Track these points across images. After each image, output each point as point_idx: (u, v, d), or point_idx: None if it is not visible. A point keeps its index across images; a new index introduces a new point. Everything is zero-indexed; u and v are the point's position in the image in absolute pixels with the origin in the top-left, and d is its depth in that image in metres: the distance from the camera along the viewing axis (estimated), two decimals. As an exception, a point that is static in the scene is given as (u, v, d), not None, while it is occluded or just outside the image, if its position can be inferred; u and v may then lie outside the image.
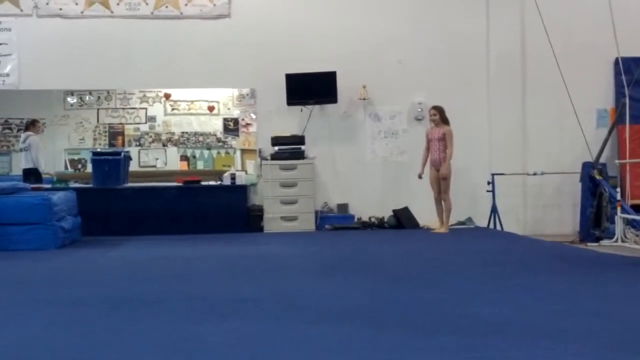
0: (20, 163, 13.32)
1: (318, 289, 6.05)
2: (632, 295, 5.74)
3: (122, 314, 4.95)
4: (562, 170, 12.20)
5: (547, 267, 7.55)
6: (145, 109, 15.32)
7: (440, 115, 11.34)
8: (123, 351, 3.87)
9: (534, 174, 12.21)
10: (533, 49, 12.52)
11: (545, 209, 12.65)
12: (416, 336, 4.13)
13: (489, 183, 12.01)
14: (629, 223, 10.49)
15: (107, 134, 15.25)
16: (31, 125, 13.26)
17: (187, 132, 15.33)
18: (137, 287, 6.27)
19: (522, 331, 4.22)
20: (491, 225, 11.96)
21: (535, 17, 11.78)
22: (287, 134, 12.34)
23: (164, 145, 15.34)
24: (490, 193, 11.99)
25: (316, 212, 12.22)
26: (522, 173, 12.40)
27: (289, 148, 12.18)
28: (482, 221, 12.23)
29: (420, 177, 11.44)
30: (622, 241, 10.33)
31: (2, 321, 4.78)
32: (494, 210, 11.95)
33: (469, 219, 12.40)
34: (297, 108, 12.50)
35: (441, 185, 11.25)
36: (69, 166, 15.01)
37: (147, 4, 12.48)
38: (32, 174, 12.69)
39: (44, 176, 12.90)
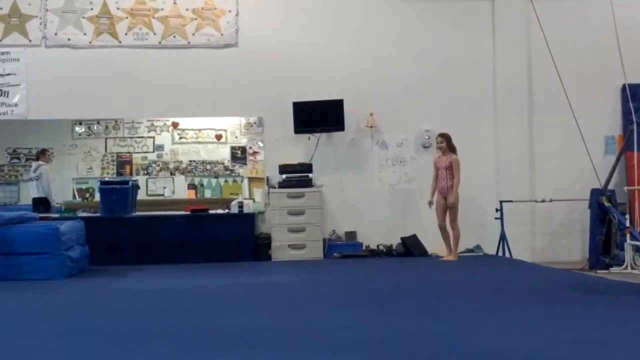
0: (29, 192, 13.36)
1: (327, 319, 6.01)
2: (643, 324, 5.69)
3: (131, 346, 4.93)
4: (570, 197, 12.17)
5: (557, 296, 7.50)
6: (153, 137, 15.37)
7: (447, 143, 11.35)
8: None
9: (542, 201, 12.18)
10: (540, 75, 12.54)
11: (554, 236, 12.60)
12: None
13: (497, 210, 11.98)
14: (639, 250, 10.44)
15: (115, 163, 15.29)
16: (41, 154, 13.34)
17: (194, 161, 15.36)
18: (145, 317, 6.24)
19: (533, 362, 4.19)
20: (500, 253, 11.91)
21: (542, 44, 11.80)
22: (295, 162, 12.35)
23: (171, 173, 15.37)
24: (499, 220, 11.95)
25: (324, 240, 12.19)
26: (531, 200, 12.37)
27: (297, 176, 12.18)
28: (490, 249, 12.18)
29: (430, 205, 11.42)
30: (632, 268, 10.29)
31: (11, 353, 4.76)
32: (502, 237, 11.91)
33: (478, 247, 12.36)
34: (305, 136, 12.52)
35: (449, 214, 11.23)
36: (77, 195, 15.04)
37: (155, 33, 12.55)
38: (41, 204, 12.73)
39: (54, 205, 12.93)
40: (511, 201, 12.05)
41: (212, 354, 4.56)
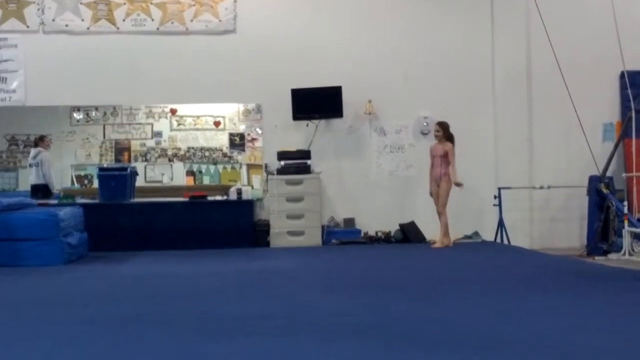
0: (28, 179, 13.34)
1: (325, 305, 6.03)
2: (638, 311, 5.70)
3: (129, 332, 4.94)
4: (568, 184, 12.18)
5: (554, 282, 7.52)
6: (152, 124, 15.34)
7: (443, 132, 11.35)
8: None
9: (541, 188, 12.20)
10: (539, 62, 12.52)
11: (552, 223, 12.62)
12: (422, 352, 4.11)
13: (495, 197, 12.00)
14: (636, 236, 10.45)
15: (113, 149, 15.26)
16: (40, 141, 13.31)
17: (193, 148, 15.34)
18: (143, 303, 6.26)
19: (529, 347, 4.20)
20: (498, 240, 11.94)
21: (541, 31, 11.77)
22: (293, 148, 12.35)
23: (170, 160, 15.35)
24: (497, 207, 11.97)
25: (323, 227, 12.20)
26: (529, 187, 12.38)
27: (295, 163, 12.19)
28: (488, 235, 12.21)
29: (431, 194, 11.44)
30: (630, 255, 10.30)
31: (11, 339, 4.77)
32: (500, 224, 11.93)
33: (476, 233, 12.37)
34: (303, 123, 12.52)
35: (439, 199, 11.27)
36: (75, 182, 15.02)
37: (153, 20, 12.52)
38: (40, 190, 12.72)
39: (54, 192, 12.92)
40: (510, 188, 12.06)
41: (210, 339, 4.57)
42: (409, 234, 12.13)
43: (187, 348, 4.33)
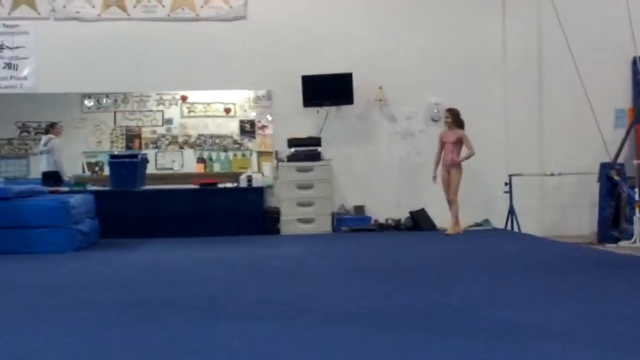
0: (39, 166, 13.38)
1: (334, 291, 6.04)
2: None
3: (139, 316, 4.96)
4: (579, 171, 12.12)
5: (565, 269, 7.52)
6: (162, 111, 15.35)
7: (453, 119, 11.28)
8: (140, 353, 3.88)
9: (552, 175, 12.16)
10: (550, 48, 12.46)
11: (563, 210, 12.58)
12: (432, 339, 4.12)
13: (506, 184, 11.97)
14: (648, 224, 10.42)
15: (124, 136, 15.29)
16: (51, 127, 13.33)
17: (203, 135, 15.34)
18: (154, 290, 6.28)
19: (539, 334, 4.19)
20: (508, 227, 11.91)
21: (552, 17, 11.73)
22: (304, 135, 12.34)
23: (180, 147, 15.37)
24: (508, 194, 11.94)
25: (333, 214, 12.21)
26: (540, 174, 12.34)
27: (306, 150, 12.18)
28: (499, 222, 12.18)
29: (434, 179, 11.38)
30: (641, 242, 10.28)
31: (20, 324, 4.80)
32: (511, 211, 11.90)
33: (486, 221, 12.35)
34: (314, 109, 12.49)
35: (450, 186, 11.17)
36: (86, 169, 15.07)
37: (163, 6, 12.52)
38: (51, 177, 12.75)
39: (65, 179, 12.96)
40: (520, 175, 12.03)
41: (219, 324, 4.59)
42: (419, 221, 12.11)
43: (196, 331, 4.35)
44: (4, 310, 5.41)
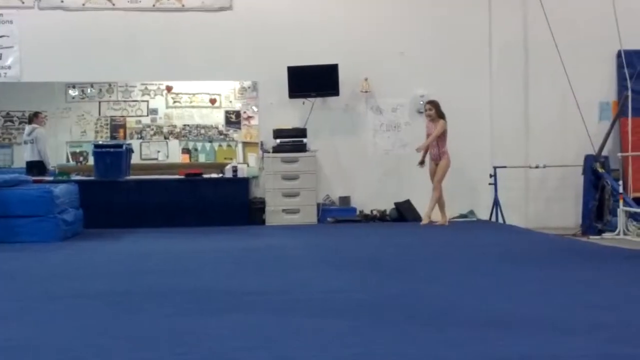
0: (23, 155, 13.32)
1: (321, 283, 6.05)
2: (633, 289, 5.73)
3: (125, 307, 4.95)
4: (564, 163, 12.18)
5: (549, 260, 7.55)
6: (147, 101, 15.31)
7: (435, 110, 11.33)
8: (126, 343, 3.87)
9: (536, 167, 12.20)
10: (535, 41, 12.48)
11: (547, 202, 12.63)
12: (419, 330, 4.13)
13: (491, 176, 12.01)
14: (631, 216, 10.48)
15: (108, 126, 15.24)
16: (35, 117, 13.27)
17: (188, 125, 15.32)
18: (139, 280, 6.27)
19: (525, 324, 4.21)
20: (493, 219, 11.96)
21: (538, 9, 11.77)
22: (289, 126, 12.34)
23: (165, 137, 15.34)
24: (492, 186, 11.98)
25: (318, 205, 12.22)
26: (524, 166, 12.38)
27: (291, 141, 12.18)
28: (484, 214, 12.23)
29: (422, 164, 11.47)
30: (624, 234, 10.32)
31: (6, 314, 4.78)
32: (496, 203, 11.94)
33: (471, 212, 12.40)
34: (299, 101, 12.48)
35: (436, 173, 11.27)
36: (70, 159, 15.01)
37: (148, -4, 12.46)
38: (35, 167, 12.70)
39: (50, 169, 12.90)
40: (505, 167, 12.06)
41: (206, 315, 4.59)
42: (405, 212, 12.14)
43: (181, 322, 4.34)
44: (-11, 299, 5.39)
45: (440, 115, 11.35)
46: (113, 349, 3.76)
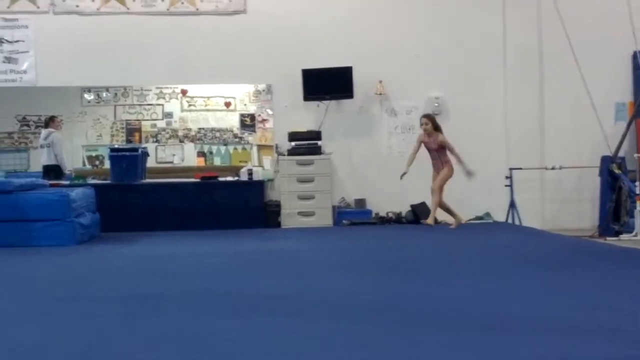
0: (40, 159, 13.38)
1: (337, 285, 6.03)
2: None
3: (142, 310, 4.96)
4: (580, 165, 12.12)
5: (566, 262, 7.51)
6: (162, 105, 15.37)
7: (432, 124, 11.04)
8: (145, 347, 3.88)
9: (552, 168, 12.15)
10: (550, 42, 12.44)
11: (563, 204, 12.58)
12: (432, 332, 4.12)
13: (506, 178, 11.97)
14: (648, 217, 10.43)
15: (124, 130, 15.32)
16: (50, 121, 13.34)
17: (203, 128, 15.37)
18: (156, 283, 6.28)
19: (541, 327, 4.19)
20: (509, 220, 11.92)
21: (552, 10, 11.72)
22: (304, 129, 12.34)
23: (180, 141, 15.39)
24: (509, 188, 11.95)
25: (333, 208, 12.21)
26: (540, 167, 12.34)
27: (306, 143, 12.18)
28: (500, 216, 12.19)
29: (402, 176, 11.06)
30: (642, 235, 10.28)
31: (24, 318, 4.80)
32: (512, 205, 11.91)
33: (487, 214, 12.36)
34: (314, 103, 12.49)
35: (440, 176, 10.96)
36: (86, 163, 15.08)
37: (162, 0, 12.50)
38: (51, 171, 12.76)
39: (66, 173, 12.95)
40: (521, 168, 12.02)
41: (220, 318, 4.59)
42: (420, 214, 12.10)
43: (199, 326, 4.35)
44: (6, 303, 5.41)
45: (437, 128, 11.09)
46: (129, 352, 3.77)
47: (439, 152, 11.06)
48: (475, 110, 12.01)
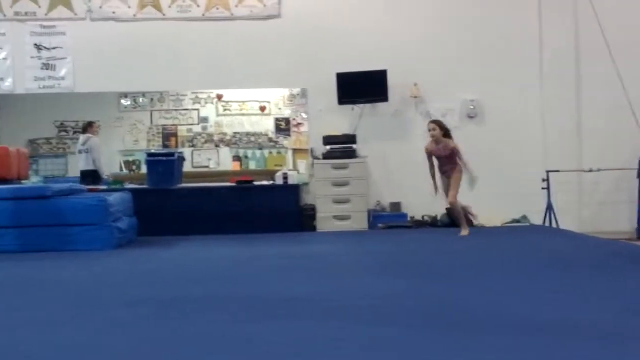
0: (78, 164, 13.52)
1: (371, 289, 6.02)
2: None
3: (179, 314, 4.98)
4: (618, 166, 12.00)
5: (603, 265, 7.42)
6: (198, 110, 15.45)
7: (440, 130, 10.47)
8: (178, 350, 3.90)
9: (590, 171, 12.04)
10: (586, 43, 12.34)
11: (601, 206, 12.46)
12: (466, 336, 4.08)
13: (543, 180, 11.88)
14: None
15: (160, 135, 15.42)
16: (89, 127, 13.46)
17: (239, 133, 15.42)
18: (191, 287, 6.31)
19: (576, 331, 4.14)
20: (546, 223, 11.82)
21: (589, 11, 11.61)
22: (339, 133, 12.35)
23: (216, 145, 15.46)
24: (545, 190, 11.85)
25: (369, 211, 12.20)
26: (578, 170, 12.23)
27: (341, 147, 12.19)
28: (537, 219, 12.09)
29: (436, 191, 10.64)
30: (681, 238, 10.15)
31: (61, 321, 4.85)
32: (549, 207, 11.81)
33: (524, 217, 12.27)
34: (348, 107, 12.50)
35: (452, 184, 10.44)
36: (123, 167, 15.21)
37: (198, 5, 12.60)
38: (89, 176, 12.88)
39: (104, 178, 13.07)
40: (558, 171, 11.93)
41: (255, 321, 4.60)
42: (456, 218, 12.03)
43: (233, 329, 4.36)
44: (45, 306, 5.47)
45: (446, 134, 10.53)
46: (163, 357, 3.79)
47: (449, 160, 10.47)
48: (511, 112, 11.93)
